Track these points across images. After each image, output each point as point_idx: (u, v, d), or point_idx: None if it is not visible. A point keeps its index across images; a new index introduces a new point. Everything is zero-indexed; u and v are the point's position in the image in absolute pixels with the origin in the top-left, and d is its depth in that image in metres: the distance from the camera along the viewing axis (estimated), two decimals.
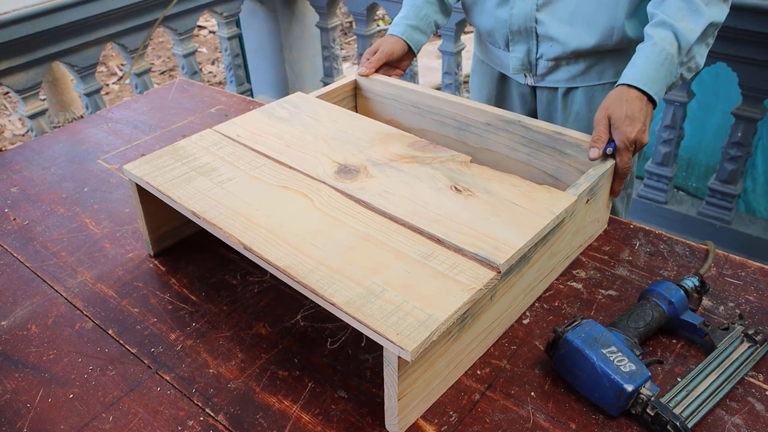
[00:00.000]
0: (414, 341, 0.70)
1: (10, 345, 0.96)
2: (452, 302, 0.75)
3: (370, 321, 0.73)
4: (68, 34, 2.20)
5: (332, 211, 0.92)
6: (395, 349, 0.70)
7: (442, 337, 0.77)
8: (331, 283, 0.79)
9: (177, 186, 0.99)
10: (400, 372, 0.72)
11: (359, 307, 0.75)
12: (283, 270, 0.81)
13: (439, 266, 0.81)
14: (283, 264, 0.82)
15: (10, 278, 1.09)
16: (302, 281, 0.79)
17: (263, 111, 1.21)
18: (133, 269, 1.10)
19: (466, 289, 0.77)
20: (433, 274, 0.80)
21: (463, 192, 0.95)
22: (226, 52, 3.01)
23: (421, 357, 0.74)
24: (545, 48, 1.28)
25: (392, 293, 0.77)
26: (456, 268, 0.81)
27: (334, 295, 0.77)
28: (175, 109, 1.66)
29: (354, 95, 1.39)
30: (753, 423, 0.79)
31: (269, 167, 1.03)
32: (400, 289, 0.78)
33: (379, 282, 0.79)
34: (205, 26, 5.69)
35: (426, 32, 1.39)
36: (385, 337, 0.71)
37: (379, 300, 0.76)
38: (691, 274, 0.98)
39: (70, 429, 0.82)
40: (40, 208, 1.27)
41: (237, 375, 0.89)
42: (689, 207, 2.43)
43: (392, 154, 1.06)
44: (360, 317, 0.74)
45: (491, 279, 0.79)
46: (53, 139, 1.54)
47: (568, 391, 0.84)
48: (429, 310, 0.74)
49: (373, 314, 0.74)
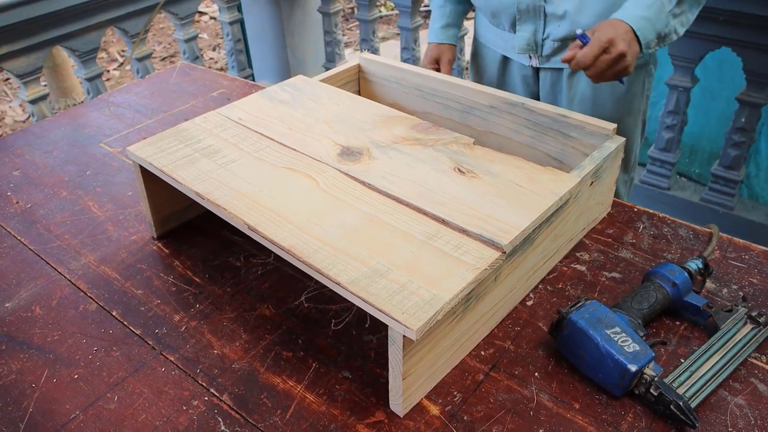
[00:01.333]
0: (419, 320, 0.70)
1: (14, 326, 0.96)
2: (457, 282, 0.76)
3: (375, 300, 0.73)
4: (69, 18, 2.19)
5: (337, 193, 0.92)
6: (400, 328, 0.70)
7: (447, 317, 0.77)
8: (335, 263, 0.79)
9: (181, 167, 0.99)
10: (405, 351, 0.73)
11: (364, 286, 0.75)
12: (287, 250, 0.81)
13: (443, 246, 0.81)
14: (287, 244, 0.82)
15: (13, 261, 1.09)
16: (307, 261, 0.79)
17: (265, 94, 1.21)
18: (137, 251, 1.10)
19: (470, 269, 0.77)
20: (438, 254, 0.80)
21: (467, 174, 0.95)
22: (227, 37, 3.00)
23: (425, 336, 0.74)
24: (553, 27, 1.27)
25: (397, 273, 0.77)
26: (460, 249, 0.81)
27: (339, 275, 0.77)
28: (176, 93, 1.65)
29: (357, 79, 1.38)
30: (755, 403, 0.80)
31: (273, 149, 1.03)
32: (405, 269, 0.78)
33: (384, 262, 0.79)
34: (206, 12, 5.66)
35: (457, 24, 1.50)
36: (390, 316, 0.71)
37: (383, 279, 0.76)
38: (694, 257, 0.98)
39: (76, 409, 0.83)
40: (42, 192, 1.27)
41: (241, 356, 0.89)
42: (692, 193, 2.42)
43: (395, 137, 1.05)
44: (365, 296, 0.74)
45: (496, 259, 0.79)
46: (55, 123, 1.54)
47: (572, 372, 0.84)
48: (434, 289, 0.74)
49: (378, 293, 0.74)
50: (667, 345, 0.88)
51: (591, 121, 1.06)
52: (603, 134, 1.05)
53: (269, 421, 0.80)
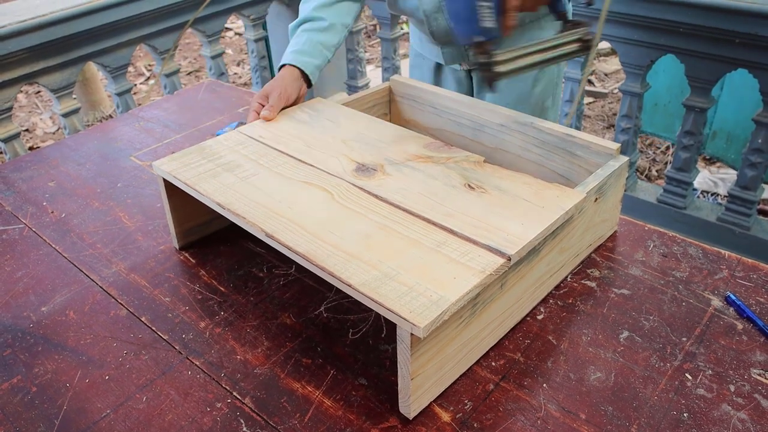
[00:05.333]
0: (426, 318, 0.74)
1: (50, 329, 1.01)
2: (463, 285, 0.80)
3: (384, 300, 0.78)
4: (102, 35, 2.28)
5: (351, 204, 0.97)
6: (407, 326, 0.74)
7: (453, 320, 0.81)
8: (348, 267, 0.84)
9: (203, 180, 1.05)
10: (413, 350, 0.77)
11: (374, 288, 0.80)
12: (303, 255, 0.86)
13: (451, 253, 0.86)
14: (303, 250, 0.87)
15: (49, 267, 1.15)
16: (321, 265, 0.84)
17: (285, 114, 1.27)
18: (164, 261, 1.15)
19: (476, 273, 0.82)
20: (446, 260, 0.85)
21: (476, 189, 1.00)
22: (252, 53, 3.08)
23: (432, 337, 0.79)
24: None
25: (406, 276, 0.82)
26: (467, 255, 0.85)
27: (351, 278, 0.82)
28: (204, 109, 1.72)
29: (388, 101, 1.43)
30: (758, 418, 0.82)
31: (291, 164, 1.09)
32: (414, 273, 0.82)
33: (394, 266, 0.84)
34: (231, 28, 5.79)
35: (314, 55, 1.33)
36: (398, 314, 0.75)
37: (393, 282, 0.81)
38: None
39: (107, 408, 0.88)
40: (76, 202, 1.33)
41: (263, 361, 0.94)
42: (708, 213, 2.43)
43: (408, 154, 1.10)
44: (375, 297, 0.78)
45: (501, 265, 0.84)
46: (88, 137, 1.61)
47: (579, 384, 0.88)
48: (441, 291, 0.79)
49: (388, 294, 0.79)
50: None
51: (596, 141, 1.10)
52: (607, 153, 1.09)
53: (288, 424, 0.84)
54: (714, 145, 3.33)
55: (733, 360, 0.90)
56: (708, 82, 2.15)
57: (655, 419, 0.82)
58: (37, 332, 1.01)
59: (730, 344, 0.93)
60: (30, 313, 1.05)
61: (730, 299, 1.00)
